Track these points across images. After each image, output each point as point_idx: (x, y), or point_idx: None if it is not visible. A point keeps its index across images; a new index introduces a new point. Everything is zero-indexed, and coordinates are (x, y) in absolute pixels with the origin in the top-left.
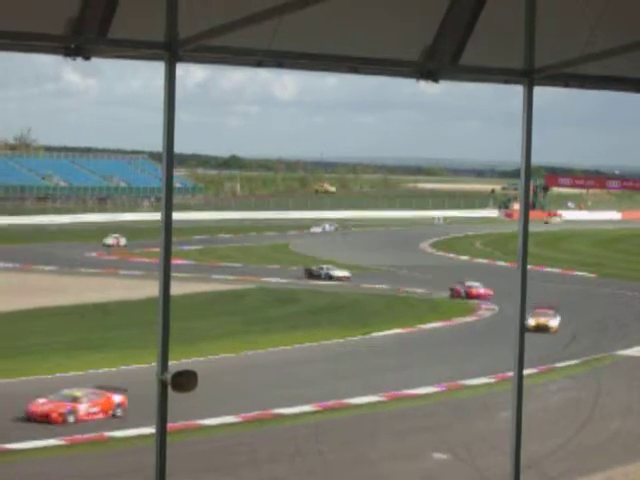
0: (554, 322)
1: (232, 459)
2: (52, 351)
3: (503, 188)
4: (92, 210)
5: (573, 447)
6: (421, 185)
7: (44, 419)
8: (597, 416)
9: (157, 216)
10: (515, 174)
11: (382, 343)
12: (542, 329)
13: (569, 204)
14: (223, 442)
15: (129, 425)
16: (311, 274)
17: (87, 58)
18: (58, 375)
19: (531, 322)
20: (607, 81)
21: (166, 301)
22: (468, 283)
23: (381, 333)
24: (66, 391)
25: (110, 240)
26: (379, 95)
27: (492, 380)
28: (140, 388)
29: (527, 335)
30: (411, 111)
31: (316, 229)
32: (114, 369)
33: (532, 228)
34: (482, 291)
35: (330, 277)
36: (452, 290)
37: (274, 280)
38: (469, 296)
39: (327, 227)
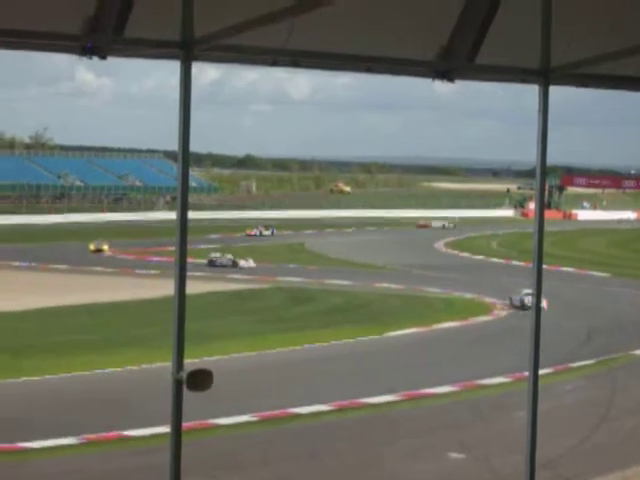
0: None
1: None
2: None
3: (519, 188)
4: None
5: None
6: (436, 184)
7: None
8: None
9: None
10: (531, 174)
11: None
12: None
13: (584, 204)
14: None
15: None
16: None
17: (103, 57)
18: None
19: None
20: (624, 81)
21: (181, 300)
22: None
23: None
24: None
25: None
26: (394, 94)
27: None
28: None
29: None
30: (426, 110)
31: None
32: None
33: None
34: None
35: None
36: None
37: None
38: None
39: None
